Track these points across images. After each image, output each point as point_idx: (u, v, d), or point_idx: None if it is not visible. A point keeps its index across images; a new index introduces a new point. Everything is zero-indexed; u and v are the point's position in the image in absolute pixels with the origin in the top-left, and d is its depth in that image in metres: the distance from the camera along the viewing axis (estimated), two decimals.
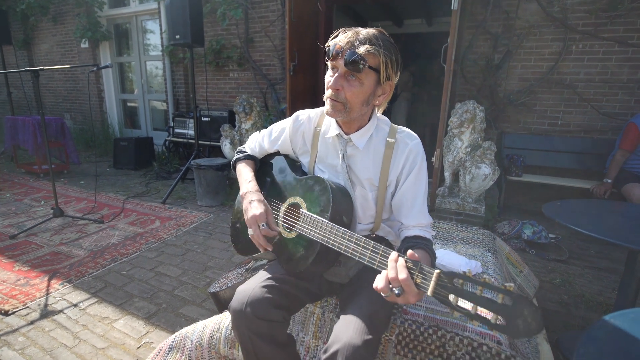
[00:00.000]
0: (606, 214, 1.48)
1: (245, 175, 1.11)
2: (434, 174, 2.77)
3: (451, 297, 0.66)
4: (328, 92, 0.92)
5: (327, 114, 0.95)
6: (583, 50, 2.96)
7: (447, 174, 2.79)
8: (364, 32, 0.88)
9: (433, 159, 2.74)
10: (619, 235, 1.17)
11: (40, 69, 2.42)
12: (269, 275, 0.97)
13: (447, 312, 1.05)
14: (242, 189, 1.08)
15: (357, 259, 0.83)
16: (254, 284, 0.94)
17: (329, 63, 0.92)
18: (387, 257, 0.77)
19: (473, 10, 3.21)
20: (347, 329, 0.84)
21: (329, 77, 0.92)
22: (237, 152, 1.23)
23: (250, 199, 1.01)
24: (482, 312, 0.64)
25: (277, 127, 1.17)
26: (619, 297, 1.40)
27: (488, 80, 3.25)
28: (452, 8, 2.46)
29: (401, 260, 0.74)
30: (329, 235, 0.89)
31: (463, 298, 0.65)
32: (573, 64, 3.01)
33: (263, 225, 0.96)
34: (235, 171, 1.19)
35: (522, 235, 2.49)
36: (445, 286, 0.67)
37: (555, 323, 1.67)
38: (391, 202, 1.03)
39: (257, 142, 1.21)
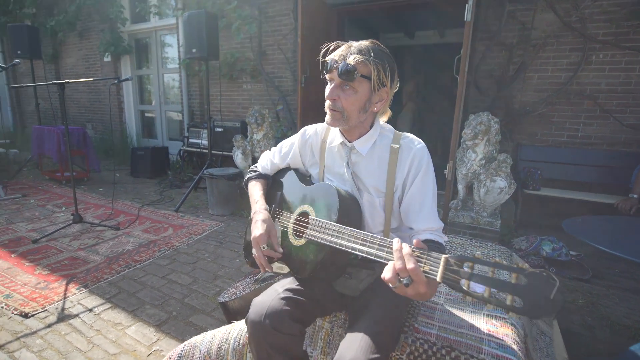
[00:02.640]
0: (632, 232, 1.41)
1: (254, 195, 1.16)
2: (447, 187, 2.72)
3: (462, 282, 0.62)
4: (327, 103, 0.98)
5: (327, 123, 1.00)
6: (604, 60, 2.89)
7: (460, 187, 2.73)
8: (356, 44, 0.95)
9: (446, 171, 2.70)
10: None
11: (66, 82, 2.54)
12: (286, 287, 0.96)
13: (461, 332, 1.02)
14: (252, 209, 1.12)
15: (364, 255, 0.82)
16: (271, 296, 0.93)
17: (327, 76, 0.98)
18: None
19: (487, 22, 3.19)
20: (352, 347, 0.82)
21: (327, 90, 0.98)
22: (249, 172, 1.27)
23: (255, 220, 1.05)
24: (497, 294, 0.60)
25: (286, 143, 1.22)
26: None
27: (503, 91, 3.20)
28: (465, 19, 2.46)
29: (406, 248, 0.72)
30: (336, 236, 0.89)
31: (475, 282, 0.61)
32: (593, 74, 2.93)
33: (264, 247, 1.00)
34: (247, 190, 1.23)
35: (540, 252, 2.39)
36: (455, 271, 0.64)
37: (579, 347, 1.58)
38: (399, 208, 1.03)
39: (269, 159, 1.26)
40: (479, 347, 0.96)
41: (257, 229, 1.02)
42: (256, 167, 1.29)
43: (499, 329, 1.04)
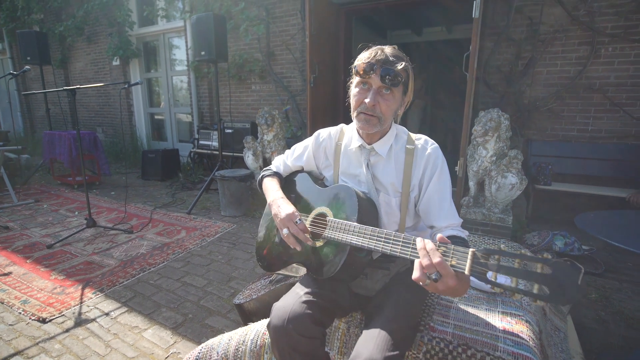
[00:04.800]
0: None
1: (271, 187, 1.17)
2: (458, 184, 2.71)
3: (490, 274, 0.66)
4: (362, 107, 0.97)
5: (361, 129, 1.01)
6: (613, 53, 2.85)
7: (471, 184, 2.73)
8: (388, 49, 0.96)
9: (456, 168, 2.69)
10: None
11: (77, 88, 2.57)
12: (306, 290, 0.97)
13: (477, 330, 1.03)
14: (270, 198, 1.13)
15: (388, 253, 0.83)
16: (292, 300, 0.94)
17: (356, 79, 0.98)
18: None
19: (494, 17, 3.17)
20: (368, 345, 0.84)
21: (359, 95, 0.98)
22: (263, 171, 1.29)
23: (279, 204, 1.06)
24: (523, 284, 0.64)
25: (299, 146, 1.24)
26: None
27: (512, 87, 3.17)
28: (473, 16, 2.44)
29: (430, 244, 0.74)
30: (357, 235, 0.90)
31: (501, 273, 0.65)
32: (602, 67, 2.90)
33: (299, 221, 0.99)
34: (261, 188, 1.24)
35: (553, 247, 2.38)
36: (482, 264, 0.67)
37: (593, 341, 1.58)
38: (417, 208, 1.04)
39: (282, 160, 1.28)
40: (494, 344, 0.96)
41: (286, 208, 1.01)
42: (270, 167, 1.31)
43: (514, 326, 1.05)
